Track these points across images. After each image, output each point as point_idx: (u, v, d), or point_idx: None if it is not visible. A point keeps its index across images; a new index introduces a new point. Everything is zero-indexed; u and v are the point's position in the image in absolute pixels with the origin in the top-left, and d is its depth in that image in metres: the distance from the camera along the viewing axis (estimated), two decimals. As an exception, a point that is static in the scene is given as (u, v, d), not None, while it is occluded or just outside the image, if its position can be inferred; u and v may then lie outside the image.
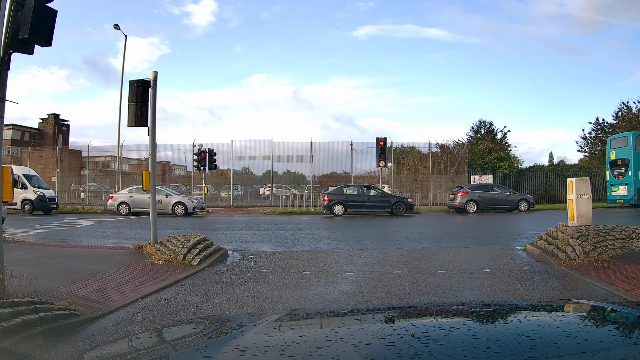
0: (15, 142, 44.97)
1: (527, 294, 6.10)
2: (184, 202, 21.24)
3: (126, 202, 21.23)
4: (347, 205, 20.80)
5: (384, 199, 21.20)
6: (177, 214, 20.80)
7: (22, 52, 5.32)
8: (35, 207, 21.51)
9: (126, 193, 21.78)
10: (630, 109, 33.09)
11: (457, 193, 22.42)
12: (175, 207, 20.97)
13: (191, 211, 21.02)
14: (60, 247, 10.47)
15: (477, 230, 14.86)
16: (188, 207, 21.00)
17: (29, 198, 21.51)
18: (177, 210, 20.94)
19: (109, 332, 4.71)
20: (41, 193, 21.87)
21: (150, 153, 9.55)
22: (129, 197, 21.36)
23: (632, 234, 8.18)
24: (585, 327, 1.53)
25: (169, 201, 21.07)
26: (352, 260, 8.64)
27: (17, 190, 21.27)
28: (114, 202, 21.59)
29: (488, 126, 36.55)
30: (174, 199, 21.33)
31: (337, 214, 20.63)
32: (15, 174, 21.66)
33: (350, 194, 21.27)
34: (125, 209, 21.14)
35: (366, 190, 21.66)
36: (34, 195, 21.58)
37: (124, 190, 22.58)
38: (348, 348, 1.26)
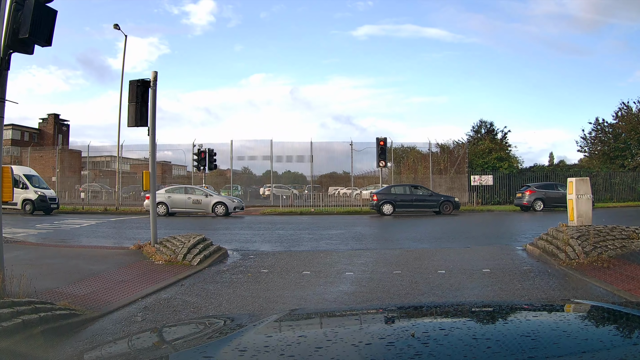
0: (15, 142, 44.97)
1: (527, 294, 6.10)
2: (225, 202, 20.79)
3: (164, 202, 20.52)
4: (396, 205, 20.80)
5: (432, 198, 21.32)
6: (217, 214, 20.37)
7: (22, 52, 5.32)
8: (36, 207, 21.39)
9: (164, 193, 21.06)
10: (630, 109, 33.11)
11: (524, 192, 22.55)
12: (216, 207, 20.51)
13: (231, 211, 20.58)
14: (60, 247, 10.47)
15: (477, 230, 14.86)
16: (229, 207, 20.58)
17: (30, 198, 21.39)
18: (218, 210, 20.46)
19: (109, 332, 4.71)
20: (42, 193, 21.75)
21: (150, 153, 9.54)
22: (167, 197, 20.75)
23: (632, 234, 8.18)
24: (585, 327, 1.53)
25: (209, 201, 20.68)
26: (352, 260, 8.64)
27: (17, 190, 20.93)
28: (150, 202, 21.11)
29: (489, 126, 36.55)
30: (214, 199, 20.89)
31: (386, 214, 20.59)
32: (16, 174, 21.30)
33: (399, 194, 21.35)
34: (163, 209, 20.35)
35: (414, 190, 21.76)
36: (35, 195, 21.46)
37: (161, 190, 21.77)
38: (348, 348, 1.26)
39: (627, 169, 30.53)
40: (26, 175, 21.79)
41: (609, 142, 33.39)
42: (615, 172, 29.30)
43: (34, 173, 22.97)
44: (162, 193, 21.14)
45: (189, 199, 20.74)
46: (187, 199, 20.80)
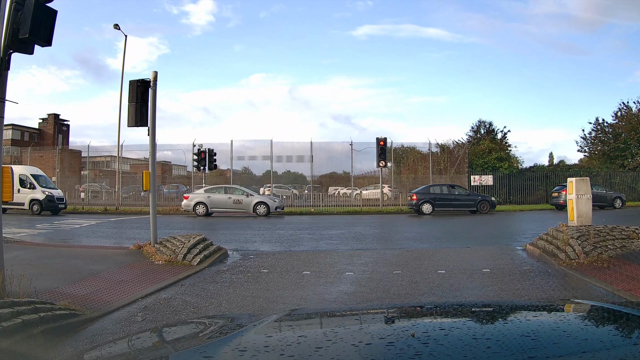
0: (15, 142, 44.97)
1: (527, 294, 6.10)
2: (267, 202, 20.62)
3: (203, 202, 20.45)
4: (435, 204, 20.94)
5: (470, 198, 21.60)
6: (258, 213, 20.22)
7: (22, 52, 5.32)
8: (44, 207, 21.20)
9: (203, 193, 21.00)
10: (630, 109, 33.09)
11: (560, 191, 22.57)
12: (257, 207, 20.34)
13: (273, 211, 20.42)
14: (60, 247, 10.47)
15: (477, 230, 14.85)
16: (270, 206, 20.42)
17: (37, 198, 21.19)
18: (259, 210, 20.30)
19: (109, 332, 4.71)
20: (49, 193, 21.54)
21: (150, 153, 9.54)
22: (206, 197, 20.60)
23: (632, 234, 8.18)
24: (585, 327, 1.53)
25: (250, 201, 20.50)
26: (352, 260, 8.64)
27: (25, 191, 21.02)
28: (190, 202, 20.72)
29: (488, 126, 36.53)
30: (256, 199, 20.67)
31: (425, 213, 20.73)
32: (23, 174, 21.36)
33: (438, 193, 21.49)
34: (202, 209, 20.37)
35: (451, 189, 21.93)
36: (42, 195, 21.26)
37: (200, 189, 21.83)
38: (348, 348, 1.26)
39: (627, 169, 30.52)
40: (33, 175, 21.65)
41: (609, 142, 33.38)
42: (615, 172, 29.30)
43: (41, 173, 22.75)
44: (201, 193, 20.97)
45: (229, 199, 20.65)
46: (228, 198, 20.68)
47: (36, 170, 23.00)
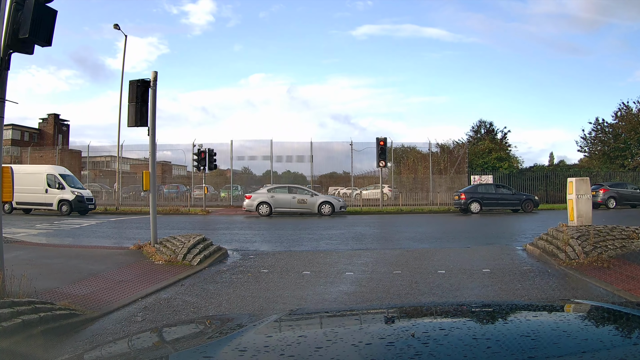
0: (15, 142, 44.96)
1: (527, 294, 6.10)
2: (332, 202, 20.80)
3: (267, 201, 20.38)
4: (483, 203, 21.36)
5: (515, 197, 22.02)
6: (323, 213, 20.30)
7: (22, 52, 5.32)
8: (73, 208, 20.69)
9: (266, 192, 20.88)
10: (630, 109, 33.13)
11: (598, 190, 22.86)
12: (322, 207, 20.42)
13: (338, 210, 20.57)
14: (60, 247, 10.47)
15: (477, 230, 14.86)
16: (335, 206, 20.60)
17: (67, 199, 20.69)
18: (324, 209, 20.38)
19: (109, 332, 4.71)
20: (79, 193, 21.10)
21: (150, 153, 9.54)
22: (270, 197, 20.52)
23: (632, 234, 8.18)
24: (585, 327, 1.53)
25: (314, 201, 20.56)
26: (352, 260, 8.64)
27: (53, 191, 20.70)
28: (253, 201, 20.59)
29: (488, 126, 36.60)
30: (320, 199, 20.79)
31: (473, 212, 21.07)
32: (51, 174, 21.06)
33: (485, 192, 21.89)
34: (265, 209, 20.28)
35: (497, 188, 22.36)
36: (72, 195, 20.76)
37: (263, 189, 21.70)
38: (348, 348, 1.26)
39: (627, 169, 30.54)
40: (62, 175, 21.26)
41: (609, 142, 33.42)
42: (615, 172, 29.31)
43: (69, 173, 22.31)
44: (265, 192, 20.92)
45: (293, 199, 20.69)
46: (292, 198, 20.71)
47: (64, 169, 22.54)
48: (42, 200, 20.90)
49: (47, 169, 21.79)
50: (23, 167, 22.95)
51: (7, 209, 21.03)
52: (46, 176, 20.99)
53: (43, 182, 20.92)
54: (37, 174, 21.15)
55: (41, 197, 20.85)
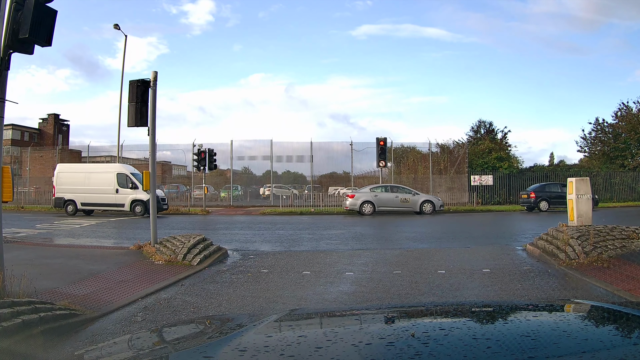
0: (15, 142, 44.96)
1: (527, 294, 6.10)
2: (432, 201, 21.34)
3: (371, 200, 20.69)
4: (550, 202, 22.06)
5: None
6: (424, 212, 20.83)
7: (22, 52, 5.32)
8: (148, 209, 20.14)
9: (369, 192, 21.15)
10: (630, 109, 33.10)
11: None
12: (423, 206, 21.00)
13: (437, 209, 21.15)
14: (60, 247, 10.48)
15: (477, 230, 14.86)
16: (435, 205, 21.20)
17: (141, 199, 19.88)
18: (425, 208, 20.94)
19: (109, 332, 4.71)
20: None
21: (150, 153, 9.54)
22: (373, 196, 20.82)
23: (632, 234, 8.18)
24: (585, 327, 1.53)
25: (416, 200, 21.09)
26: (352, 260, 8.64)
27: (126, 191, 20.09)
28: (356, 201, 20.80)
29: (488, 126, 36.55)
30: (422, 198, 21.32)
31: (542, 210, 21.76)
32: (122, 173, 20.46)
33: (553, 191, 22.48)
34: (369, 208, 20.54)
35: (563, 187, 22.73)
36: (146, 195, 19.51)
37: (365, 188, 22.00)
38: (348, 348, 1.26)
39: (627, 169, 30.53)
40: (133, 174, 20.68)
41: (609, 142, 33.39)
42: (615, 172, 29.30)
43: (137, 171, 21.57)
44: (367, 192, 21.24)
45: (396, 198, 21.15)
46: (395, 197, 21.15)
47: (133, 168, 21.88)
48: (112, 201, 20.22)
49: (118, 168, 21.22)
50: (90, 167, 22.53)
51: (71, 210, 20.48)
52: (116, 175, 20.39)
53: (113, 182, 20.28)
54: (106, 173, 20.66)
55: (111, 198, 20.21)
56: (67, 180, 20.81)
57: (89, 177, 20.61)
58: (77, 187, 20.36)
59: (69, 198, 20.62)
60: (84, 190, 20.33)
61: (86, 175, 20.85)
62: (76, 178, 20.64)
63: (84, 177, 20.67)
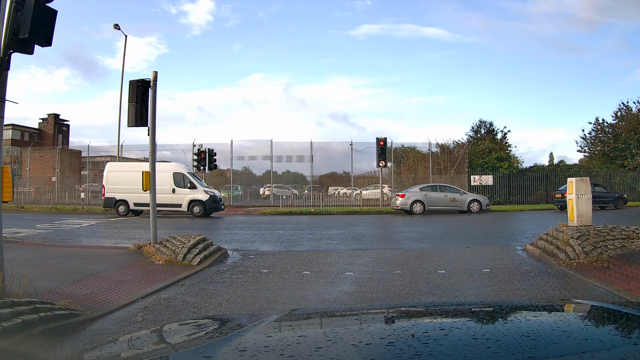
0: (15, 142, 44.97)
1: (527, 294, 6.10)
2: (479, 200, 21.70)
3: (421, 200, 20.95)
4: None
5: (609, 195, 23.62)
6: (472, 211, 21.11)
7: (22, 52, 5.32)
8: (207, 209, 19.39)
9: (419, 191, 21.37)
10: (630, 109, 33.10)
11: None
12: (471, 204, 21.29)
13: (484, 208, 21.50)
14: (60, 247, 10.47)
15: (477, 230, 14.85)
16: (482, 203, 21.52)
17: (200, 199, 19.35)
18: (473, 207, 21.23)
19: (109, 332, 4.71)
20: (212, 193, 19.91)
21: (150, 153, 9.55)
22: (423, 195, 21.08)
23: (632, 234, 8.18)
24: (585, 327, 1.53)
25: (464, 199, 21.49)
26: (352, 260, 8.64)
27: (182, 190, 19.44)
28: (407, 200, 20.99)
29: (488, 126, 36.53)
30: (469, 197, 21.70)
31: None
32: (178, 172, 19.80)
33: None
34: (419, 207, 20.84)
35: (595, 187, 23.68)
36: (206, 195, 19.42)
37: (415, 187, 22.13)
38: (348, 348, 1.26)
39: (627, 169, 30.52)
40: (190, 174, 20.21)
41: (609, 142, 33.38)
42: (615, 172, 29.30)
43: (191, 170, 21.13)
44: (417, 192, 21.44)
45: (445, 197, 21.47)
46: (444, 196, 21.47)
47: (187, 167, 21.31)
48: (169, 201, 19.34)
49: (174, 167, 20.42)
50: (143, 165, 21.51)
51: (122, 210, 19.78)
52: (172, 175, 19.70)
53: (169, 182, 19.54)
54: (162, 172, 19.52)
55: (167, 198, 19.21)
56: (117, 179, 19.98)
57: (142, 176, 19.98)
58: (129, 186, 19.18)
59: (121, 198, 19.77)
60: (136, 190, 18.99)
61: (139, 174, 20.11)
62: (128, 177, 19.54)
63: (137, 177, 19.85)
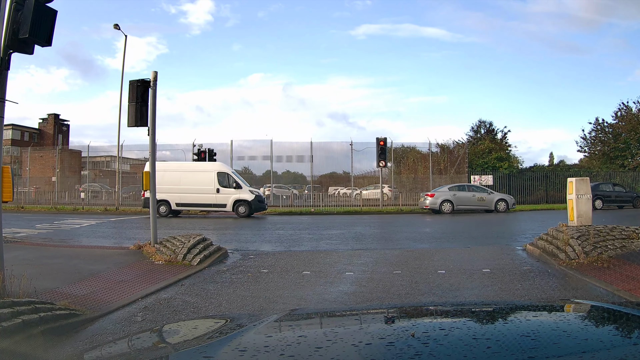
0: (15, 142, 44.97)
1: (527, 294, 6.10)
2: (506, 199, 22.00)
3: (450, 199, 21.16)
4: (604, 200, 23.09)
5: (628, 194, 24.08)
6: (499, 210, 21.36)
7: (22, 52, 5.32)
8: (253, 209, 19.38)
9: (447, 191, 21.59)
10: (630, 109, 33.12)
11: None
12: (498, 204, 21.56)
13: (511, 207, 21.83)
14: (60, 247, 10.47)
15: (477, 230, 14.85)
16: (509, 203, 21.85)
17: (245, 199, 19.26)
18: (500, 206, 21.48)
19: (109, 332, 4.71)
20: (258, 193, 20.02)
21: (150, 153, 9.54)
22: (452, 195, 21.30)
23: (632, 234, 8.18)
24: (585, 327, 1.53)
25: (492, 198, 21.75)
26: (352, 260, 8.64)
27: (227, 190, 19.30)
28: (436, 200, 21.19)
29: (488, 126, 36.59)
30: (496, 196, 21.96)
31: (597, 208, 22.73)
32: (222, 172, 19.68)
33: (606, 190, 23.77)
34: (448, 206, 20.99)
35: (614, 187, 24.23)
36: (251, 195, 19.38)
37: (443, 187, 22.42)
38: (348, 348, 1.26)
39: (627, 169, 30.54)
40: (234, 173, 20.17)
41: (609, 142, 33.40)
42: (615, 172, 29.31)
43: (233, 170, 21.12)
44: (446, 191, 21.67)
45: (473, 197, 21.72)
46: (472, 196, 21.72)
47: (230, 168, 21.32)
48: (213, 201, 19.41)
49: (218, 167, 20.38)
50: (185, 165, 21.58)
51: (164, 210, 19.40)
52: (217, 174, 19.60)
53: (213, 181, 19.48)
54: (206, 172, 19.80)
55: (211, 198, 19.35)
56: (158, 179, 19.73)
57: (185, 175, 19.59)
58: (171, 186, 19.07)
59: (162, 198, 18.98)
60: (179, 190, 19.30)
61: (182, 174, 19.83)
62: (169, 177, 19.32)
63: (179, 176, 19.65)
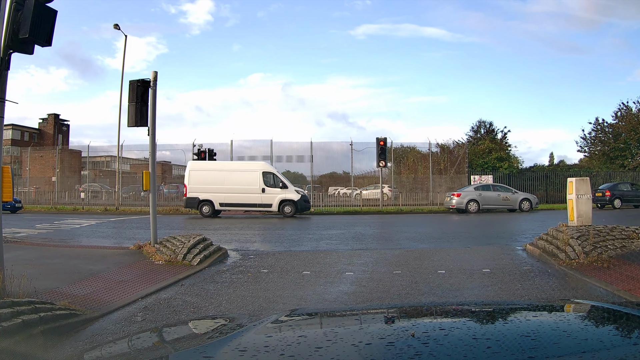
0: (15, 142, 44.96)
1: (527, 294, 6.10)
2: (530, 199, 22.10)
3: (475, 199, 21.31)
4: (623, 200, 23.52)
5: None
6: (522, 209, 21.45)
7: (22, 52, 5.32)
8: (299, 209, 19.36)
9: (473, 190, 21.80)
10: (629, 109, 33.13)
11: None
12: (522, 203, 21.63)
13: (534, 206, 21.93)
14: (60, 247, 10.47)
15: (477, 230, 14.85)
16: (532, 202, 21.92)
17: (291, 199, 19.23)
18: (524, 206, 21.57)
19: (109, 332, 4.71)
20: (303, 193, 20.01)
21: (150, 153, 9.54)
22: (477, 195, 21.46)
23: (632, 234, 8.18)
24: (585, 327, 1.53)
25: (516, 198, 21.88)
26: (352, 260, 8.64)
27: (272, 190, 19.24)
28: (462, 199, 21.32)
29: (488, 126, 36.58)
30: (520, 196, 22.10)
31: (616, 207, 23.01)
32: (268, 172, 19.57)
33: (624, 190, 24.29)
34: (474, 206, 21.13)
35: (632, 187, 24.52)
36: (297, 195, 19.37)
37: (469, 187, 22.62)
38: (348, 348, 1.26)
39: (627, 169, 30.54)
40: (280, 173, 20.17)
41: (609, 142, 33.41)
42: (615, 172, 29.31)
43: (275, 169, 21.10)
44: (472, 191, 21.87)
45: (498, 196, 21.88)
46: (497, 196, 21.89)
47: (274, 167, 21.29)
48: (258, 201, 19.29)
49: (262, 166, 20.22)
50: (228, 164, 21.44)
51: (207, 211, 19.41)
52: (262, 174, 19.45)
53: (258, 181, 19.35)
54: (250, 172, 19.62)
55: (256, 198, 19.24)
56: (201, 178, 19.61)
57: (229, 175, 19.51)
58: (215, 186, 19.12)
59: (205, 198, 19.32)
60: (222, 190, 19.19)
61: (225, 173, 19.74)
62: (213, 176, 19.45)
63: (223, 176, 19.55)
